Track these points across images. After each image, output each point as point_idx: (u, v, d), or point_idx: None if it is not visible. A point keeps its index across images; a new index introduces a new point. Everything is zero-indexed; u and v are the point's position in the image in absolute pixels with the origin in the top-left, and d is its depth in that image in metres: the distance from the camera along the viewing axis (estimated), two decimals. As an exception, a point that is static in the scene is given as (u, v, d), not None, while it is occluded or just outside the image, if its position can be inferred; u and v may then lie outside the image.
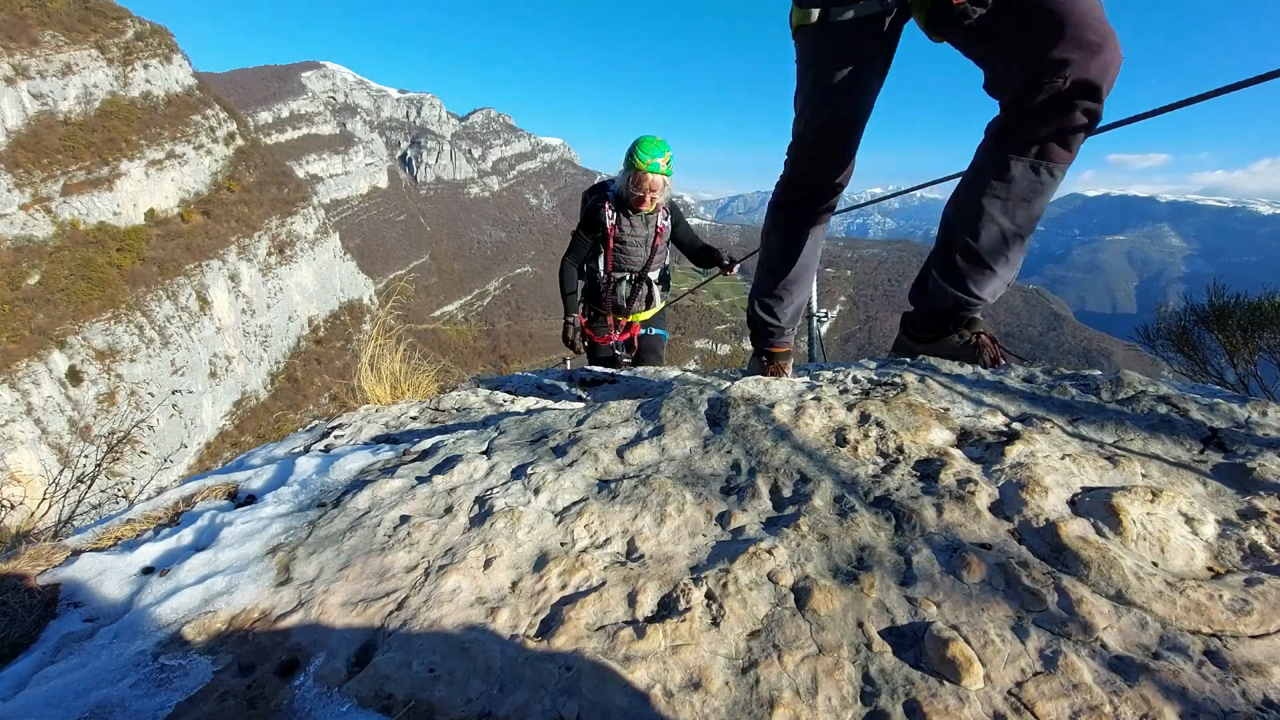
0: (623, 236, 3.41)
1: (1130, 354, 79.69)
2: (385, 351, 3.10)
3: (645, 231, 3.47)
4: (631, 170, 3.22)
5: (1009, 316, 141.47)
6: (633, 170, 3.21)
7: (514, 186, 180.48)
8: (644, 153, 3.18)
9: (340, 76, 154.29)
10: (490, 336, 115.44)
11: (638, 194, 3.26)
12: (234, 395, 54.33)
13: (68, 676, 0.89)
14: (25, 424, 36.58)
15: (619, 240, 3.41)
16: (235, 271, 55.44)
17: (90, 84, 50.87)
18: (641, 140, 3.23)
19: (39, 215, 43.49)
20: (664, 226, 3.51)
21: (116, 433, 3.65)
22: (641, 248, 3.50)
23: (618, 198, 3.36)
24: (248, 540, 1.24)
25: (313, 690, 0.86)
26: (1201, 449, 1.37)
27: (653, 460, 1.46)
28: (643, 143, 3.21)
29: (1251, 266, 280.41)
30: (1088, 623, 0.92)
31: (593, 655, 0.90)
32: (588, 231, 3.43)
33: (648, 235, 3.49)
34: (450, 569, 1.10)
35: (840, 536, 1.15)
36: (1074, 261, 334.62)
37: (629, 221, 3.41)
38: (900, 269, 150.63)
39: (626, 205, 3.36)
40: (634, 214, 3.39)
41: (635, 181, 3.23)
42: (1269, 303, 3.50)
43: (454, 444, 1.64)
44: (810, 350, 4.08)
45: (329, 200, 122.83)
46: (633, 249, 3.49)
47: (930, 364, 2.02)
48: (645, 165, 3.17)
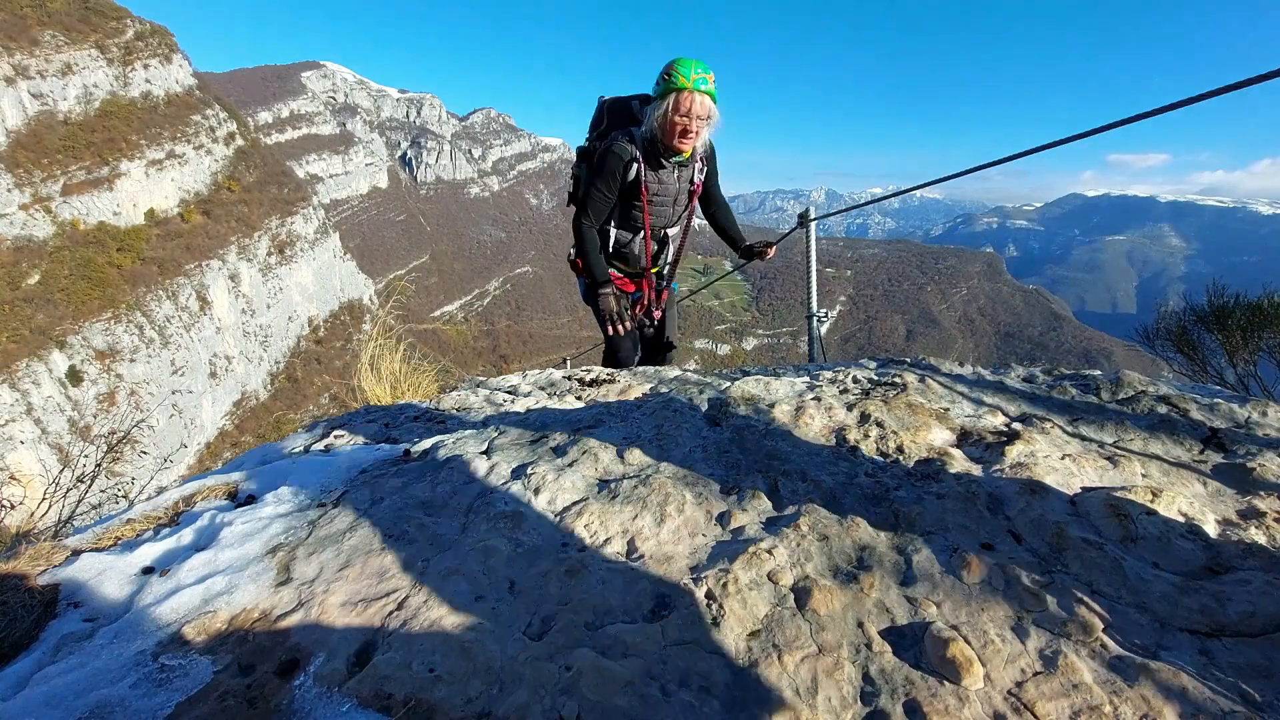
0: (650, 193, 2.76)
1: (1130, 354, 79.75)
2: (385, 351, 3.10)
3: (676, 187, 2.80)
4: (671, 93, 2.49)
5: (1009, 316, 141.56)
6: (673, 93, 2.48)
7: (514, 186, 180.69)
8: (685, 69, 2.48)
9: (340, 76, 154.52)
10: (490, 336, 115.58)
11: (680, 123, 2.52)
12: (234, 395, 54.38)
13: (68, 676, 0.89)
14: (25, 424, 36.62)
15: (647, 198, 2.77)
16: (235, 271, 55.50)
17: (90, 84, 50.92)
18: (678, 60, 2.54)
19: (39, 215, 43.53)
20: (699, 183, 2.85)
21: (116, 433, 3.65)
22: (669, 206, 2.85)
23: (645, 143, 2.66)
24: (248, 540, 1.24)
25: (313, 690, 0.86)
26: (1201, 449, 1.37)
27: (653, 460, 1.46)
28: (680, 61, 2.52)
29: (1251, 266, 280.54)
30: (1088, 623, 0.92)
31: (592, 654, 0.90)
32: (608, 187, 2.71)
33: (679, 192, 2.82)
34: (450, 569, 1.09)
35: (840, 536, 1.15)
36: (1074, 261, 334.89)
37: (656, 175, 2.74)
38: (900, 269, 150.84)
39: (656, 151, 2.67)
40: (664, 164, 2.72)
41: (676, 106, 2.49)
42: (1269, 303, 3.50)
43: (454, 444, 1.64)
44: (810, 350, 4.08)
45: (329, 200, 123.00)
46: (661, 208, 2.84)
47: (930, 364, 2.02)
48: (690, 81, 2.45)
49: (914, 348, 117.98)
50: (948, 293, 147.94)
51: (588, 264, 2.81)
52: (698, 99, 2.50)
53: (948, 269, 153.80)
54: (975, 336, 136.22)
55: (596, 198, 2.74)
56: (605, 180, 2.71)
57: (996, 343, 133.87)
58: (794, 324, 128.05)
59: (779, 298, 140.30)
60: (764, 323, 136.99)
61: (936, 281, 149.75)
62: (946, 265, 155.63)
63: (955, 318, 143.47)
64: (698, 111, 2.52)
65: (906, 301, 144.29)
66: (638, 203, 2.77)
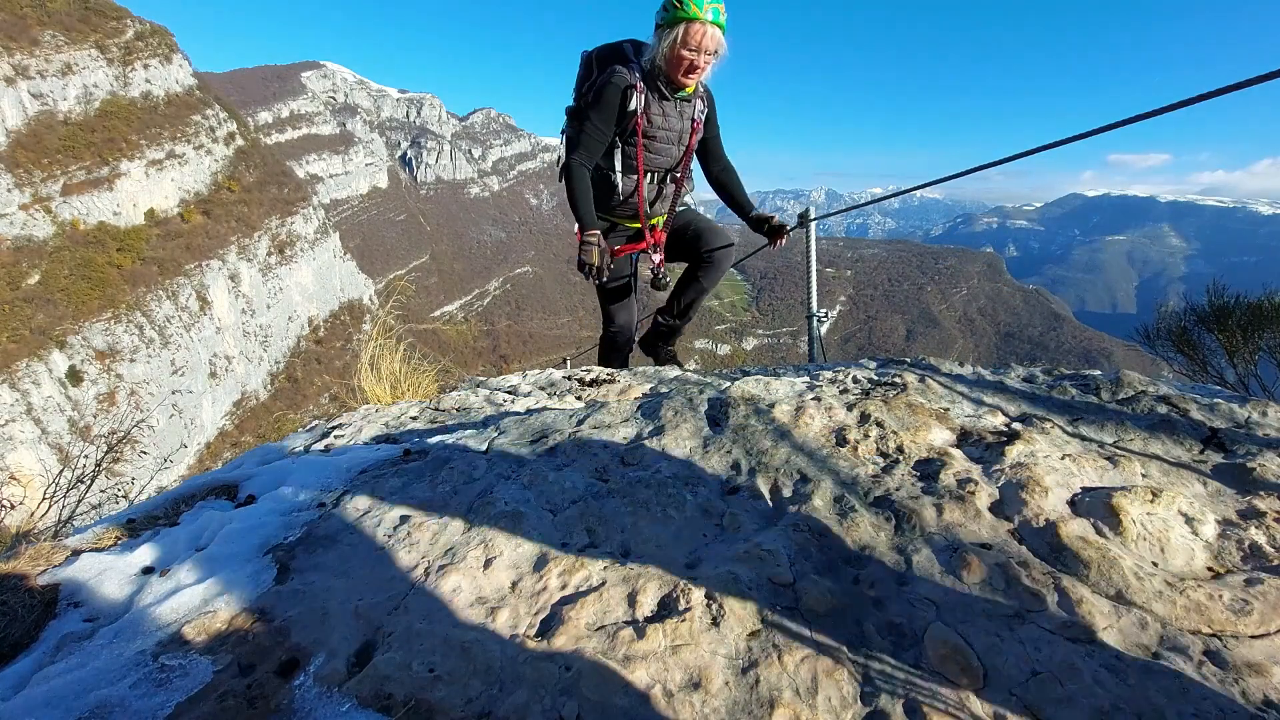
0: (652, 129, 2.53)
1: (1130, 354, 79.75)
2: (385, 351, 3.10)
3: (681, 124, 2.59)
4: (681, 23, 2.29)
5: (1009, 317, 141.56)
6: (683, 23, 2.29)
7: (514, 186, 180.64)
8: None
9: (340, 76, 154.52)
10: (490, 336, 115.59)
11: (688, 57, 2.34)
12: (234, 395, 54.38)
13: (68, 676, 0.89)
14: (25, 424, 36.62)
15: (647, 134, 2.54)
16: (235, 271, 55.50)
17: (90, 84, 50.92)
18: None
19: (39, 215, 43.53)
20: (699, 122, 2.64)
21: (116, 433, 3.65)
22: (673, 145, 2.62)
23: (646, 74, 2.46)
24: (247, 540, 1.24)
25: (313, 690, 0.86)
26: (1201, 449, 1.37)
27: (652, 460, 1.46)
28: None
29: (1251, 266, 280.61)
30: (1088, 623, 0.92)
31: (593, 655, 0.90)
32: (603, 119, 2.48)
33: (682, 130, 2.61)
34: (450, 569, 1.10)
35: (840, 536, 1.15)
36: (1074, 261, 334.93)
37: (660, 107, 2.51)
38: (900, 269, 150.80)
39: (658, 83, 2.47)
40: (667, 97, 2.50)
41: (685, 39, 2.30)
42: (1269, 303, 3.49)
43: (454, 444, 1.64)
44: (810, 350, 4.08)
45: (329, 200, 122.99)
46: (663, 145, 2.61)
47: (930, 364, 2.02)
48: (701, 12, 2.26)
49: (914, 348, 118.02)
50: (948, 293, 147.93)
51: (574, 206, 2.54)
52: (709, 31, 2.31)
53: (948, 269, 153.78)
54: (975, 336, 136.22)
55: (591, 131, 2.49)
56: (601, 111, 2.46)
57: (996, 343, 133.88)
58: (794, 324, 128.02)
59: (779, 298, 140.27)
60: (764, 323, 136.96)
61: (936, 281, 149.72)
62: (946, 265, 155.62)
63: (955, 318, 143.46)
64: (707, 46, 2.33)
65: (906, 301, 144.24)
66: (643, 140, 2.55)
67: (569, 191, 2.55)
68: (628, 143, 2.56)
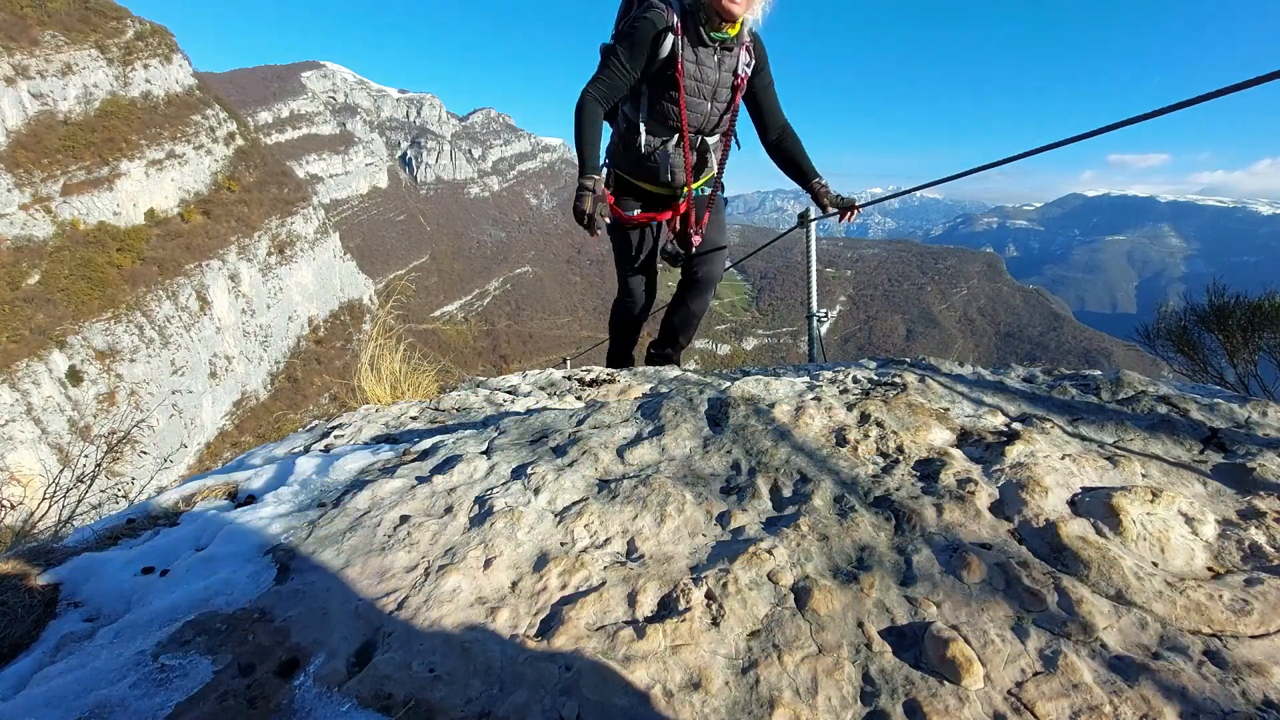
0: (687, 75, 2.28)
1: (1130, 354, 79.77)
2: (385, 351, 3.10)
3: (717, 76, 2.32)
4: None
5: (1009, 316, 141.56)
6: None
7: (514, 186, 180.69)
8: None
9: (340, 76, 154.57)
10: (490, 336, 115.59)
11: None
12: (234, 395, 54.38)
13: (68, 676, 0.89)
14: (25, 424, 36.63)
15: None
16: (235, 271, 55.51)
17: (90, 84, 50.92)
18: None
19: (39, 215, 43.55)
20: (743, 77, 2.35)
21: (116, 433, 3.65)
22: (708, 101, 2.36)
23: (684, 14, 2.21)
24: (247, 540, 1.24)
25: (313, 690, 0.86)
26: (1201, 449, 1.37)
27: (653, 460, 1.46)
28: None
29: (1251, 266, 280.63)
30: (1088, 623, 0.92)
31: (593, 655, 0.90)
32: (631, 56, 2.23)
33: (719, 84, 2.33)
34: (450, 569, 1.10)
35: (840, 536, 1.15)
36: (1074, 261, 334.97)
37: (695, 54, 2.25)
38: (900, 269, 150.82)
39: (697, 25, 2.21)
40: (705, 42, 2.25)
41: None
42: (1269, 303, 3.49)
43: (454, 444, 1.64)
44: (810, 350, 4.08)
45: (329, 200, 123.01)
46: (698, 99, 2.34)
47: (930, 364, 2.02)
48: None
49: (914, 348, 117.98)
50: (948, 293, 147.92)
51: (577, 143, 2.27)
52: None
53: (948, 269, 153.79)
54: (975, 336, 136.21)
55: (615, 67, 2.24)
56: (631, 47, 2.21)
57: (996, 343, 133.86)
58: (794, 324, 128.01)
59: (779, 298, 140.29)
60: (764, 323, 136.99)
61: (936, 281, 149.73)
62: (946, 265, 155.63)
63: (955, 318, 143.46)
64: None
65: (906, 301, 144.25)
66: (674, 92, 2.28)
67: (575, 127, 2.29)
68: (661, 94, 2.31)
